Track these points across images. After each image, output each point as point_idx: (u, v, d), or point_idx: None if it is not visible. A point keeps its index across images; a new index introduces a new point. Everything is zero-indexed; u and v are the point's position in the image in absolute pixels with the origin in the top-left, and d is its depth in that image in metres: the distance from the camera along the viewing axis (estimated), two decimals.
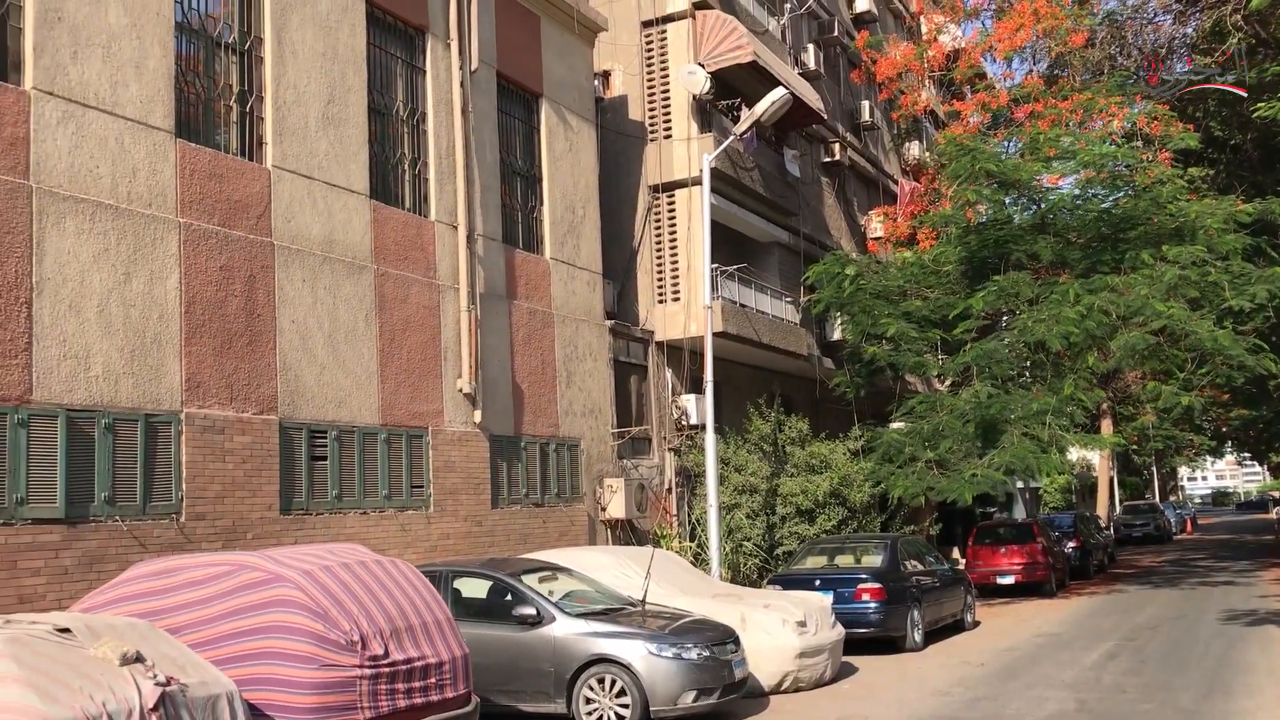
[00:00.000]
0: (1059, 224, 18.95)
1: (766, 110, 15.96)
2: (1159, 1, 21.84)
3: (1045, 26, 20.54)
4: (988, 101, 21.62)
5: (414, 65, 13.75)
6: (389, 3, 13.18)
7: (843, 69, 26.24)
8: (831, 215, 25.21)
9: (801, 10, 23.69)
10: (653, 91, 19.54)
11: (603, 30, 17.88)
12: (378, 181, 12.85)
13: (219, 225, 10.58)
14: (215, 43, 11.06)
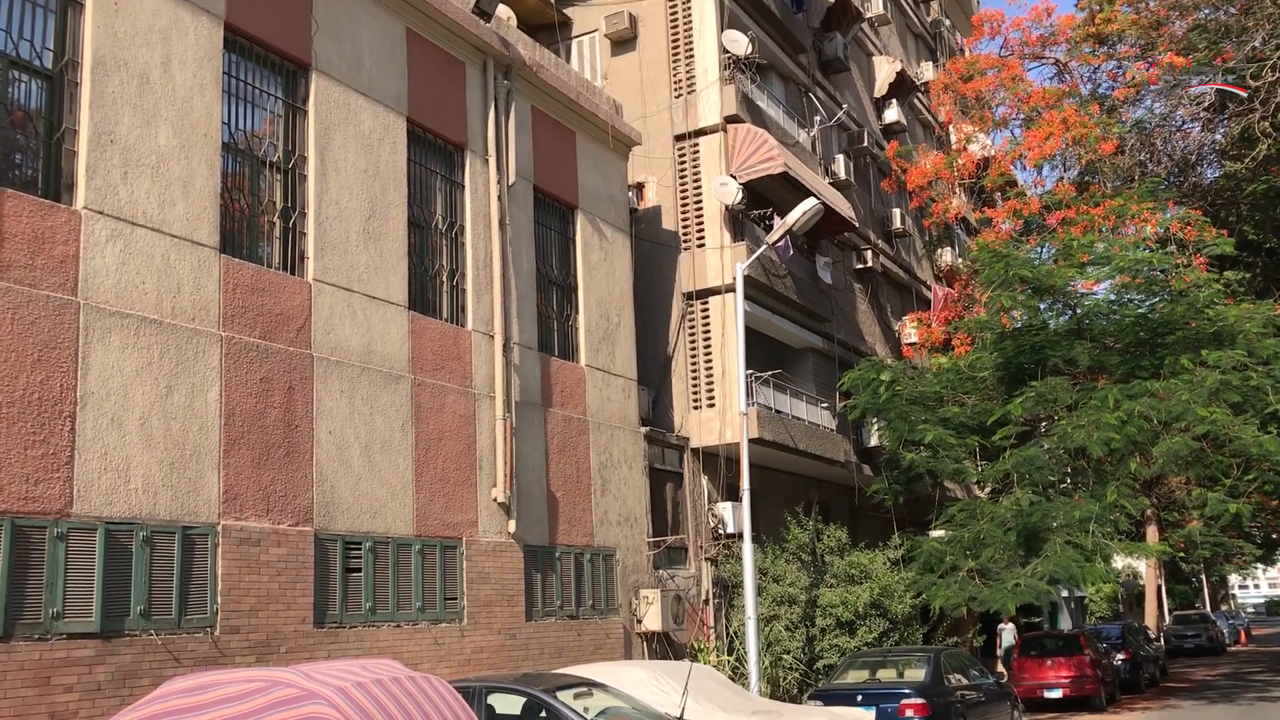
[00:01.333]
0: (1095, 329, 18.87)
1: (798, 220, 16.12)
2: (1187, 110, 22.06)
3: (1074, 135, 20.75)
4: (1019, 208, 21.76)
5: (453, 180, 14.06)
6: (430, 122, 13.54)
7: (873, 178, 26.55)
8: (865, 321, 25.25)
9: (831, 123, 24.09)
10: (686, 202, 19.83)
11: (636, 145, 18.24)
12: (416, 292, 13.04)
13: (260, 338, 10.73)
14: (260, 161, 11.37)
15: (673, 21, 20.45)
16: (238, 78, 11.17)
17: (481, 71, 14.57)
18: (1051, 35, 22.91)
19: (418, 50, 13.47)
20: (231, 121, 11.04)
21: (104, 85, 9.58)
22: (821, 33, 24.68)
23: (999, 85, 22.80)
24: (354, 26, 12.49)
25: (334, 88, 12.10)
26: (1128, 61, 22.33)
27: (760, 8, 21.54)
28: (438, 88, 13.75)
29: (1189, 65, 20.78)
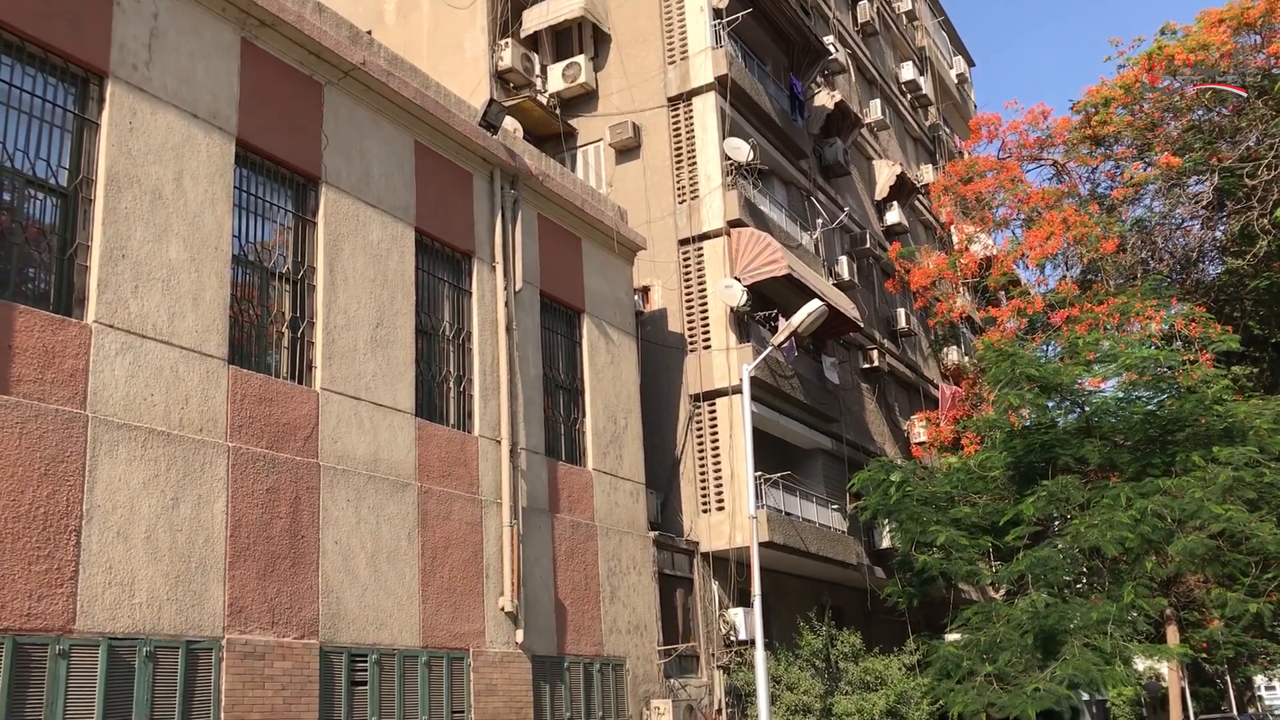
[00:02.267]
0: (1105, 427, 18.76)
1: (803, 322, 16.20)
2: (1186, 208, 22.31)
3: (1075, 234, 20.95)
4: (1023, 307, 21.85)
5: (460, 287, 14.19)
6: (438, 231, 13.73)
7: (877, 278, 26.76)
8: (873, 421, 25.19)
9: (833, 225, 24.39)
10: (691, 304, 19.97)
11: (642, 249, 18.45)
12: (423, 399, 13.06)
13: (267, 448, 10.72)
14: (270, 272, 11.50)
15: (675, 130, 20.86)
16: (249, 191, 11.37)
17: (489, 181, 14.82)
18: (1049, 137, 23.30)
19: (426, 162, 13.72)
20: (242, 234, 11.20)
21: (117, 201, 9.75)
22: (822, 138, 25.14)
23: (998, 186, 23.11)
24: (363, 141, 12.75)
25: (343, 200, 12.30)
26: (1125, 162, 22.65)
27: (761, 116, 21.98)
28: (446, 197, 13.97)
29: (1183, 165, 21.08)
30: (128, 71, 10.02)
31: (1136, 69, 21.76)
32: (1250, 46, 20.94)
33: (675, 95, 20.99)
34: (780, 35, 23.69)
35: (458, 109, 14.32)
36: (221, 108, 10.93)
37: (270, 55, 11.64)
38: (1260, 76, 21.09)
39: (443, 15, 21.39)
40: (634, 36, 21.66)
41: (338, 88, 12.46)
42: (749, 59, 22.64)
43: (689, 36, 21.15)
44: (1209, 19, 20.99)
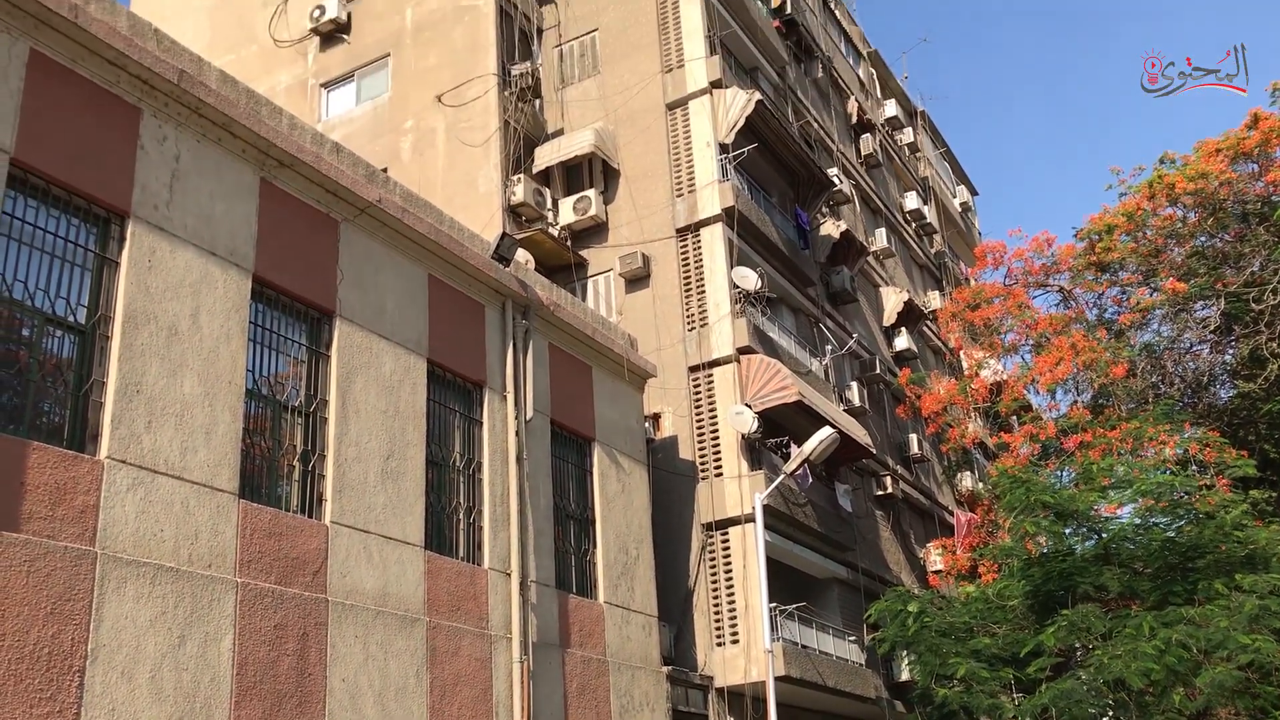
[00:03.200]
0: (1123, 554, 18.48)
1: (815, 449, 16.17)
2: (1194, 333, 22.41)
3: (1085, 359, 21.01)
4: (1036, 433, 21.79)
5: (471, 417, 14.22)
6: (449, 361, 13.83)
7: (888, 404, 26.77)
8: (889, 549, 24.88)
9: (842, 351, 24.52)
10: (702, 432, 19.95)
11: (652, 377, 18.52)
12: (433, 532, 12.96)
13: (275, 583, 10.61)
14: (282, 405, 11.56)
15: (684, 260, 21.17)
16: (264, 326, 11.51)
17: (500, 312, 14.99)
18: (1054, 264, 23.59)
19: (439, 294, 13.91)
20: (256, 368, 11.29)
21: (134, 338, 9.87)
22: (828, 266, 25.47)
23: (1006, 312, 23.30)
24: (378, 275, 12.96)
25: (357, 333, 12.43)
26: (1131, 288, 22.86)
27: (768, 245, 22.32)
28: (458, 328, 14.12)
29: (1189, 290, 21.26)
30: (149, 211, 10.26)
31: (1138, 197, 22.13)
32: (1248, 175, 21.32)
33: (684, 226, 21.37)
34: (785, 168, 24.23)
35: (471, 242, 14.58)
36: (239, 245, 11.15)
37: (288, 194, 11.92)
38: (1260, 204, 21.41)
39: (457, 153, 21.95)
40: (642, 171, 22.16)
41: (354, 224, 12.72)
42: (755, 191, 23.11)
43: (696, 170, 21.63)
44: (1206, 149, 21.43)
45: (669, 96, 22.51)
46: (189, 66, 10.89)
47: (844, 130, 30.12)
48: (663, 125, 22.34)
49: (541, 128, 23.32)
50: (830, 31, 31.60)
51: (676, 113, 22.40)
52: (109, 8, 10.25)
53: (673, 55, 22.85)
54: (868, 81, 34.05)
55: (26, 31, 9.48)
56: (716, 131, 21.80)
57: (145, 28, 10.63)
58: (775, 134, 23.04)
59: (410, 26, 23.84)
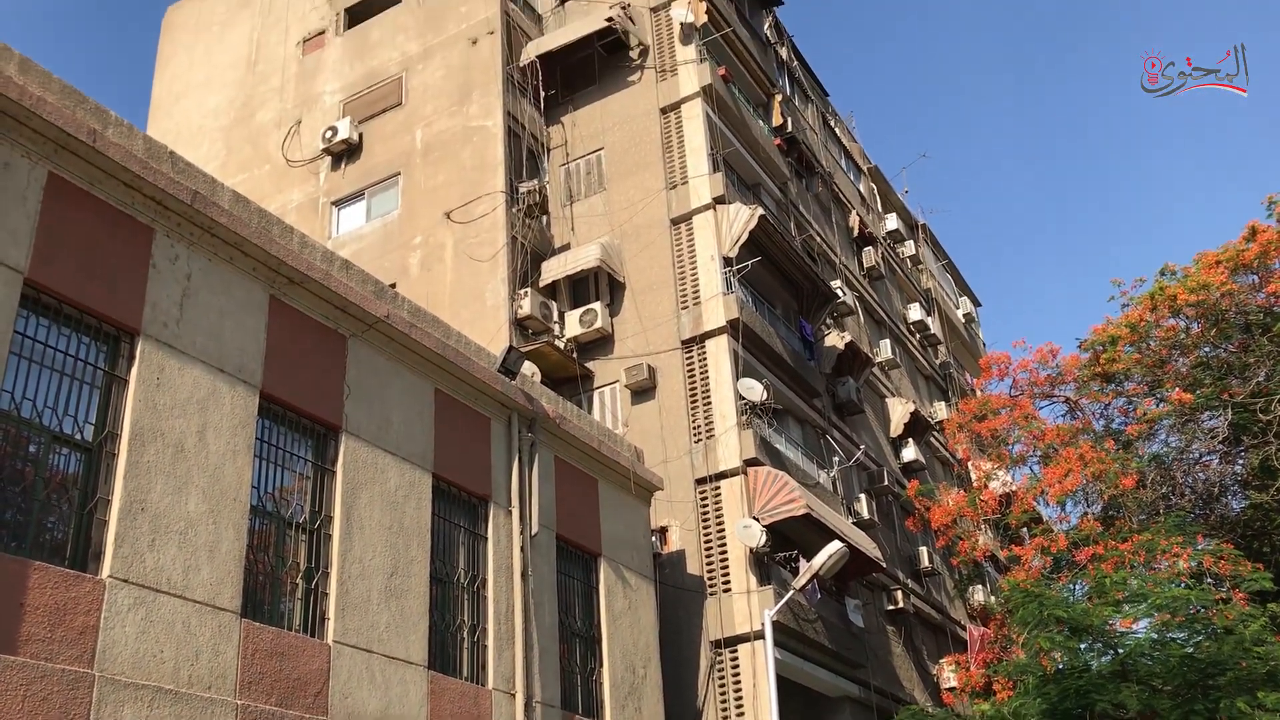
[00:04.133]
0: (1141, 670, 18.08)
1: (824, 564, 15.99)
2: (1203, 444, 22.30)
3: (1093, 470, 20.86)
4: (1047, 545, 21.52)
5: (476, 533, 14.11)
6: (454, 476, 13.78)
7: (897, 516, 26.54)
8: (901, 665, 24.39)
9: (850, 463, 24.42)
10: (709, 545, 19.75)
11: (658, 490, 18.42)
12: (436, 651, 12.75)
13: (276, 705, 10.40)
14: (287, 522, 11.49)
15: (690, 371, 21.25)
16: (270, 442, 11.51)
17: (506, 425, 14.99)
18: (1059, 375, 23.60)
19: (445, 408, 13.93)
20: (261, 485, 11.26)
21: (140, 455, 9.87)
22: (834, 377, 25.54)
23: (1012, 423, 23.24)
24: (385, 390, 13.00)
25: (362, 448, 12.42)
26: (1137, 398, 22.83)
27: (773, 356, 22.42)
28: (463, 443, 14.11)
29: (1195, 401, 21.22)
30: (158, 329, 10.36)
31: (1140, 308, 22.25)
32: (1249, 286, 21.46)
33: (689, 338, 21.51)
34: (789, 280, 24.48)
35: (477, 356, 14.66)
36: (248, 362, 11.23)
37: (297, 310, 12.05)
38: (1262, 315, 21.50)
39: (465, 268, 22.24)
40: (648, 283, 22.41)
41: (361, 339, 12.82)
42: (759, 303, 23.31)
43: (701, 283, 21.87)
44: (1206, 260, 21.63)
45: (673, 212, 22.88)
46: (203, 187, 11.12)
47: (846, 243, 30.53)
48: (667, 239, 22.67)
49: (548, 242, 23.66)
50: (830, 148, 32.26)
51: (681, 227, 22.74)
52: (126, 132, 10.51)
53: (676, 172, 23.30)
54: (868, 196, 34.63)
55: (46, 156, 9.71)
56: (720, 245, 22.10)
57: (161, 151, 10.88)
58: (778, 247, 23.34)
59: (420, 146, 24.38)
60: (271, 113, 27.48)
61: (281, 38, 28.59)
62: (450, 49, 25.22)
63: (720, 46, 25.76)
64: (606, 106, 24.98)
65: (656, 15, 25.50)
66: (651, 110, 24.27)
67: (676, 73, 24.37)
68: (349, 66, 26.78)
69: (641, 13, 25.61)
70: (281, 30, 28.73)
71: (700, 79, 23.91)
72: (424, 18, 26.18)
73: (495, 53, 24.45)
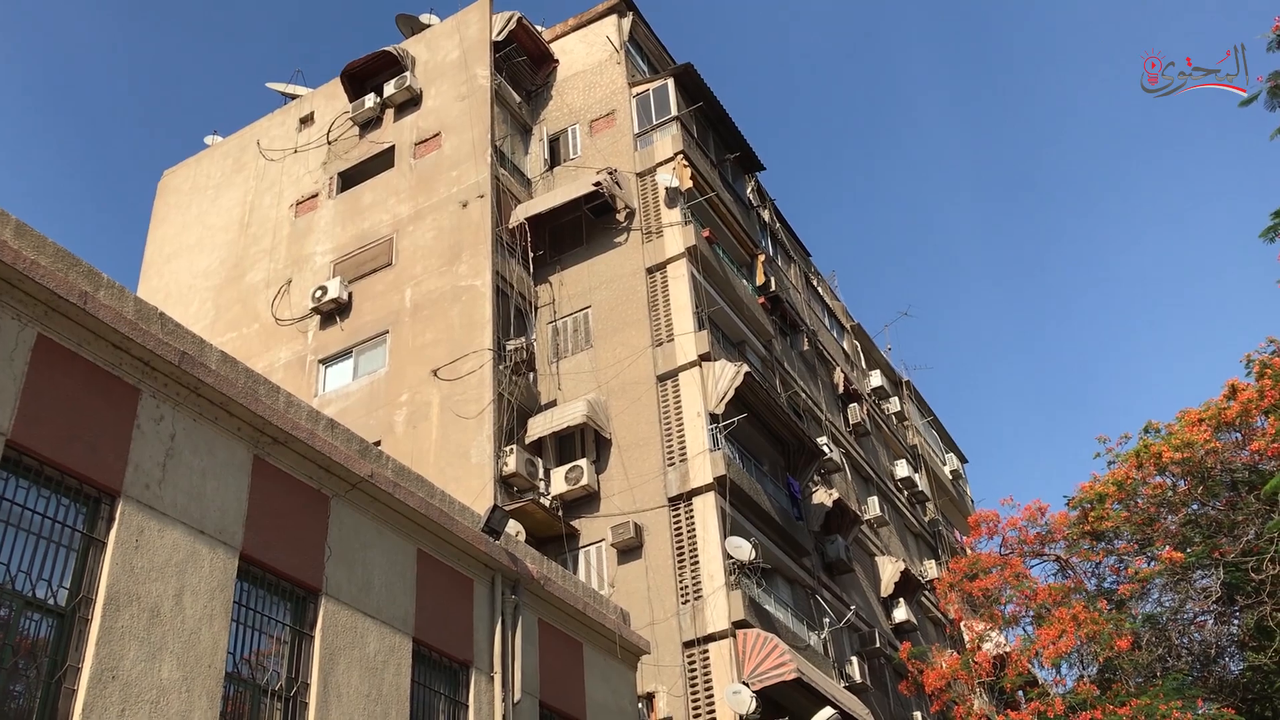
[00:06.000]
0: None
1: None
2: (1197, 603, 22.03)
3: (1087, 631, 20.54)
4: (1043, 710, 20.99)
5: (456, 700, 13.68)
6: (436, 640, 13.44)
7: (889, 679, 25.93)
8: None
9: (841, 624, 23.98)
10: (698, 712, 19.20)
11: (645, 653, 17.98)
12: None
13: None
14: (262, 689, 11.13)
15: (676, 530, 21.05)
16: (248, 606, 11.24)
17: (490, 587, 14.71)
18: (1049, 533, 23.46)
19: (428, 570, 13.69)
20: (237, 650, 10.95)
21: (114, 620, 9.61)
22: (823, 536, 25.31)
23: (1004, 583, 22.97)
24: (367, 551, 12.80)
25: (342, 611, 12.15)
26: (1128, 556, 22.66)
27: (761, 514, 22.25)
28: (445, 605, 13.81)
29: (1186, 560, 21.06)
30: (140, 490, 10.24)
31: (1126, 466, 22.29)
32: (1233, 444, 21.57)
33: (676, 495, 21.38)
34: (775, 437, 24.52)
35: (461, 516, 14.50)
36: (229, 523, 11.07)
37: (281, 470, 11.95)
38: (1248, 473, 21.54)
39: (450, 425, 22.22)
40: (634, 440, 22.40)
41: (344, 499, 12.69)
42: (746, 460, 23.28)
43: (688, 440, 21.87)
44: (1189, 418, 21.79)
45: (659, 369, 23.05)
46: (190, 348, 11.16)
47: (831, 400, 30.72)
48: (654, 396, 22.77)
49: (535, 399, 23.73)
50: (814, 306, 32.80)
51: (667, 384, 22.88)
52: (117, 294, 10.62)
53: (663, 330, 23.58)
54: (852, 353, 35.04)
55: (36, 318, 9.76)
56: (707, 402, 22.19)
57: (151, 312, 10.97)
58: (764, 404, 23.45)
59: (409, 305, 24.69)
60: (262, 273, 27.89)
61: (275, 200, 29.25)
62: (441, 211, 25.80)
63: (704, 209, 26.43)
64: (594, 266, 25.45)
65: (642, 180, 26.23)
66: (638, 270, 24.72)
67: (662, 234, 24.92)
68: (340, 228, 27.32)
69: (628, 178, 26.35)
70: (275, 193, 29.41)
71: (685, 240, 24.44)
72: (415, 181, 26.87)
73: (485, 215, 25.01)
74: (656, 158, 26.24)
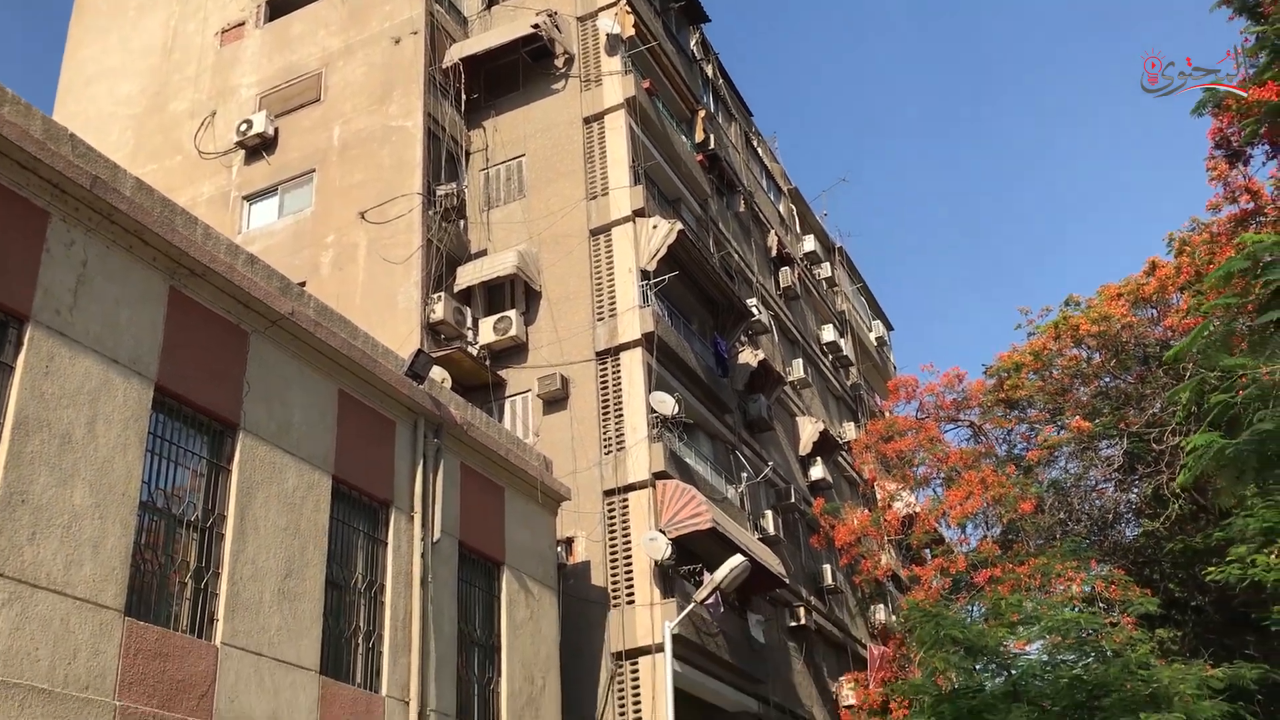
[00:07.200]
0: (1032, 691, 18.46)
1: (726, 577, 16.04)
2: (1100, 471, 22.92)
3: (994, 494, 21.33)
4: (947, 566, 21.92)
5: (375, 537, 13.86)
6: (356, 479, 13.53)
7: (802, 534, 26.76)
8: (801, 681, 24.57)
9: (758, 479, 24.57)
10: (615, 557, 19.70)
11: (566, 500, 18.32)
12: (329, 656, 12.48)
13: (157, 707, 10.07)
14: (177, 520, 11.17)
15: (603, 383, 21.20)
16: (163, 437, 11.18)
17: (412, 429, 14.77)
18: (964, 399, 24.11)
19: (349, 410, 13.68)
20: (152, 480, 10.93)
21: (23, 445, 9.51)
22: (746, 395, 25.69)
23: (918, 446, 23.66)
24: (287, 388, 12.72)
25: (260, 446, 12.14)
26: (1038, 425, 23.42)
27: (687, 371, 22.48)
28: (366, 446, 13.87)
29: (1093, 430, 21.83)
30: (50, 316, 10.01)
31: (1044, 337, 22.84)
32: (1148, 319, 22.17)
33: (603, 350, 21.46)
34: (706, 297, 24.61)
35: (385, 358, 14.44)
36: (143, 354, 10.90)
37: (198, 303, 11.74)
38: (1159, 348, 22.21)
39: (377, 269, 21.94)
40: (564, 294, 22.33)
41: (264, 336, 12.54)
42: (675, 317, 23.38)
43: (618, 295, 21.85)
44: (1108, 293, 22.29)
45: (593, 222, 22.85)
46: (103, 173, 10.79)
47: (764, 262, 30.80)
48: (586, 250, 22.62)
49: (465, 247, 23.46)
50: (752, 168, 32.56)
51: (600, 238, 22.71)
52: (23, 111, 10.16)
53: (598, 183, 23.29)
54: (787, 217, 35.02)
55: None
56: (639, 258, 22.11)
57: (60, 133, 10.54)
58: (696, 263, 23.45)
59: (337, 144, 24.03)
60: (185, 103, 26.87)
61: (200, 26, 27.99)
62: (372, 47, 24.92)
63: (646, 60, 25.84)
64: (529, 113, 24.89)
65: (583, 25, 25.51)
66: (575, 119, 24.24)
67: (601, 83, 24.38)
68: (268, 59, 26.31)
69: (568, 21, 25.60)
70: (200, 19, 28.13)
71: (624, 90, 23.95)
72: (347, 14, 25.85)
73: (418, 53, 24.21)
74: (599, 1, 25.47)
